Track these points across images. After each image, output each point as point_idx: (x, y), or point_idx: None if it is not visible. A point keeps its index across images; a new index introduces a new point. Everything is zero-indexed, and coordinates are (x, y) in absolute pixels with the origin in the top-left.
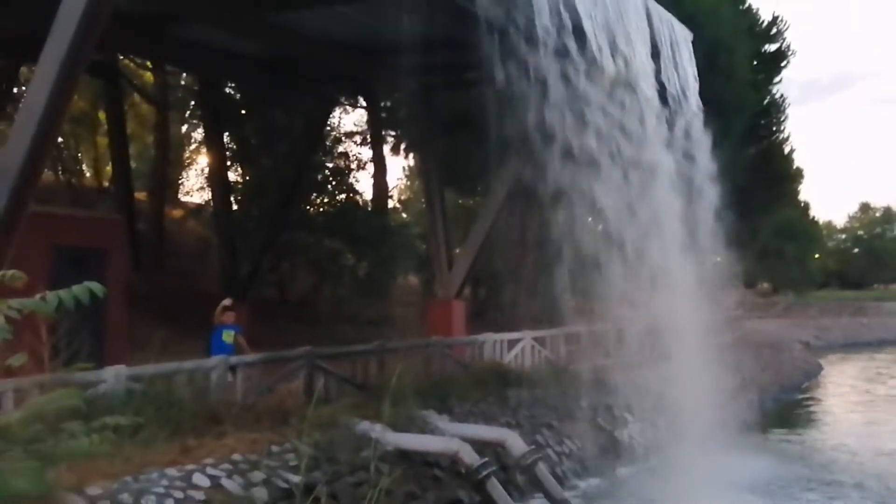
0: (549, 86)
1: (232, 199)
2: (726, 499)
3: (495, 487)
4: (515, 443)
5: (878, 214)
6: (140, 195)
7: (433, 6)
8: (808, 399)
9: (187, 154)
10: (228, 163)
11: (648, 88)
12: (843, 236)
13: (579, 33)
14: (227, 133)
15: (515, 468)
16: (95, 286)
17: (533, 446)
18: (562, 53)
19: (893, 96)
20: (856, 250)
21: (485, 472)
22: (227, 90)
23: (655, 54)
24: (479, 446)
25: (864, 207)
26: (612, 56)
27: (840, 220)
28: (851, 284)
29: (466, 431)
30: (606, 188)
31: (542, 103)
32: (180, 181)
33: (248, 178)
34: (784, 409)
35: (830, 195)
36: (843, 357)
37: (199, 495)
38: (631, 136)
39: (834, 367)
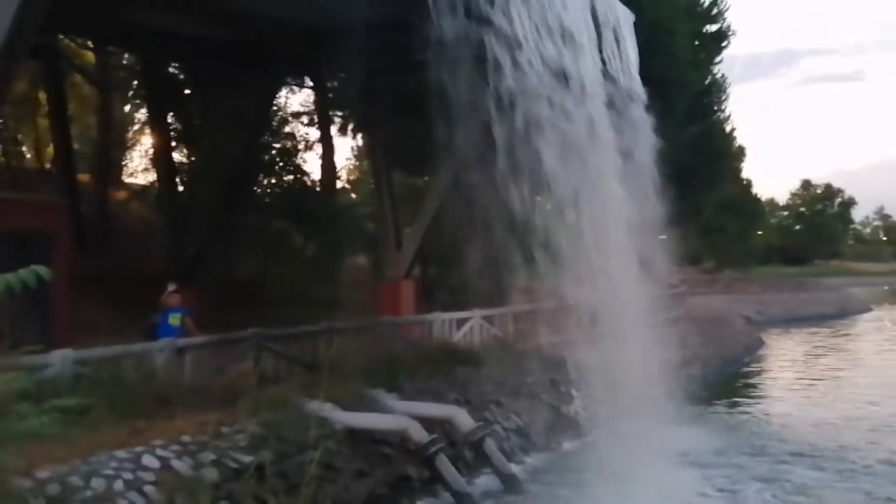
0: (494, 68)
1: (177, 180)
2: (665, 468)
3: (444, 463)
4: (463, 419)
5: (819, 191)
6: (83, 177)
7: None
8: (748, 372)
9: (130, 135)
10: (173, 144)
11: (592, 69)
12: (786, 213)
13: (524, 15)
14: (171, 114)
15: (464, 444)
16: (42, 269)
17: (481, 423)
18: (507, 36)
19: (834, 73)
20: (798, 227)
21: (433, 449)
22: (171, 70)
23: (598, 35)
24: (428, 424)
25: (806, 184)
26: (557, 37)
27: (782, 197)
28: (793, 260)
29: (415, 409)
30: (550, 169)
31: (487, 86)
32: (124, 163)
33: (193, 159)
34: (725, 382)
35: (773, 172)
36: (783, 331)
37: (149, 476)
38: (574, 117)
39: (775, 341)
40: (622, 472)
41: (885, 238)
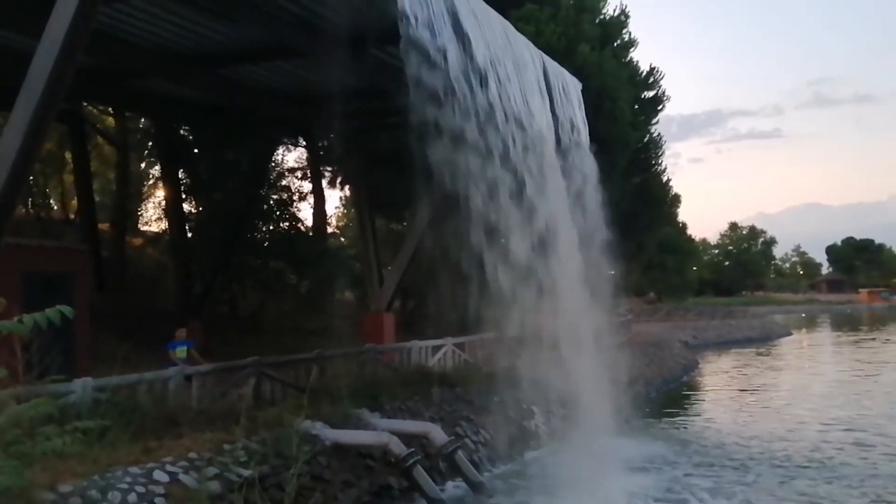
0: (460, 129)
1: (187, 227)
2: (613, 474)
3: (420, 474)
4: (437, 434)
5: (744, 232)
6: (103, 226)
7: (360, 61)
8: (686, 389)
9: (145, 189)
10: (183, 196)
11: (546, 131)
12: (717, 251)
13: (485, 83)
14: (181, 170)
15: (438, 456)
16: (66, 309)
17: (453, 437)
18: (471, 102)
19: (756, 131)
20: (727, 263)
21: (411, 461)
22: (182, 132)
23: (552, 100)
24: (407, 438)
25: (733, 226)
26: (514, 102)
27: (713, 238)
28: (723, 291)
29: (395, 426)
30: (512, 215)
31: (455, 143)
32: (139, 213)
33: (201, 209)
34: (666, 398)
35: (705, 216)
36: (716, 353)
37: (160, 489)
38: (532, 172)
39: (708, 362)
40: (576, 478)
41: (801, 272)
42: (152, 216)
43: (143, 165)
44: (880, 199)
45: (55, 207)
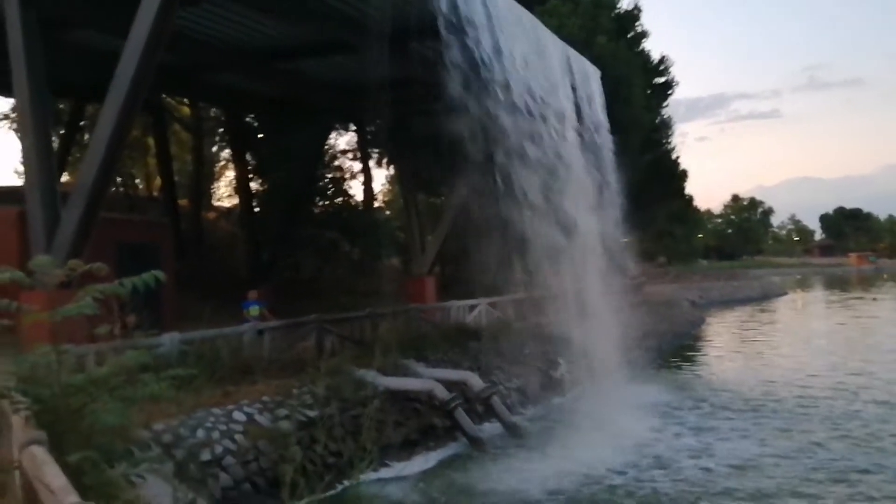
0: (494, 115)
1: (253, 203)
2: (628, 416)
3: (461, 415)
4: (475, 381)
5: (745, 203)
6: (182, 202)
7: (402, 54)
8: (694, 343)
9: (217, 169)
10: (250, 175)
11: (569, 111)
12: (720, 220)
13: (515, 69)
14: (248, 153)
15: (476, 400)
16: (160, 274)
17: (489, 384)
18: (506, 90)
19: (756, 112)
20: (729, 231)
21: (453, 405)
22: (247, 120)
23: (574, 88)
24: (448, 385)
25: (735, 198)
26: (540, 87)
27: (717, 208)
28: (726, 256)
29: (438, 374)
30: (538, 187)
31: (489, 122)
32: (213, 191)
33: (265, 186)
34: (676, 350)
35: (709, 189)
36: (720, 311)
37: (239, 427)
38: (559, 154)
39: (713, 318)
40: (597, 419)
41: (796, 238)
42: (224, 193)
43: (214, 149)
44: (868, 173)
45: (140, 186)
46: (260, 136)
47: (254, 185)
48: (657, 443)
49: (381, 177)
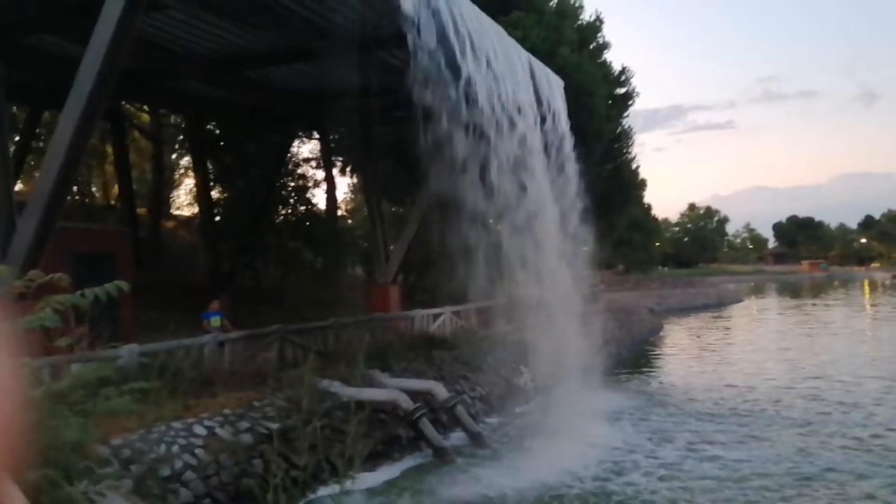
0: (460, 124)
1: (215, 211)
2: (589, 423)
3: (426, 425)
4: (440, 391)
5: (701, 212)
6: (140, 211)
7: (368, 63)
8: (652, 349)
9: (177, 177)
10: (211, 183)
11: (533, 120)
12: (677, 228)
13: (481, 78)
14: (209, 160)
15: (440, 410)
16: (123, 284)
17: (453, 393)
18: (472, 98)
19: (711, 123)
20: (686, 239)
21: (418, 414)
22: (209, 127)
23: (538, 97)
24: (413, 395)
25: (691, 207)
26: (505, 95)
27: (674, 217)
28: (683, 264)
29: (403, 384)
30: (502, 196)
31: (452, 131)
32: (172, 199)
33: (227, 195)
34: (635, 357)
35: (667, 198)
36: (678, 318)
37: (199, 441)
38: (524, 163)
39: (671, 325)
40: (559, 427)
41: (751, 246)
42: (184, 202)
43: (174, 157)
44: (820, 183)
45: (98, 195)
46: (222, 143)
47: (215, 194)
48: (620, 449)
49: (344, 185)
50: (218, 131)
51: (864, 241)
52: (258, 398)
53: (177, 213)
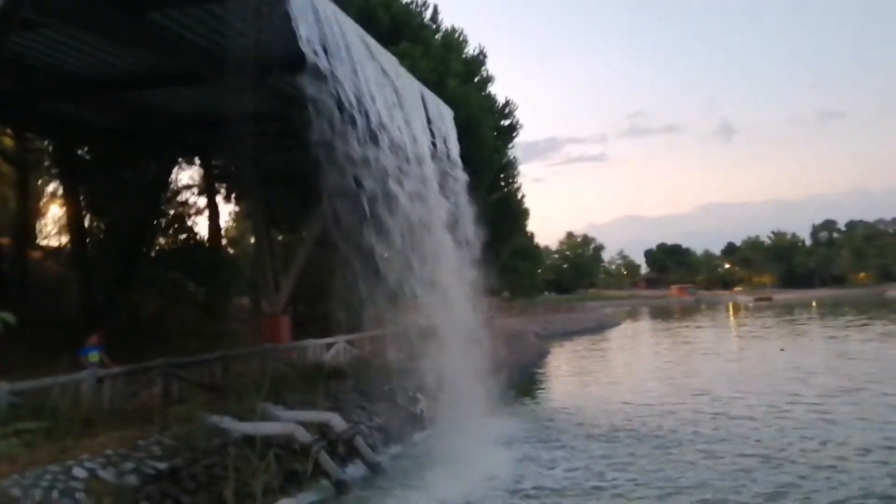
0: (353, 151)
1: (87, 241)
2: (485, 449)
3: (324, 458)
4: (337, 422)
5: (578, 240)
6: (3, 240)
7: (259, 88)
8: (541, 373)
9: (44, 205)
10: (84, 212)
11: (427, 151)
12: (556, 256)
13: (375, 106)
14: (81, 188)
15: (338, 442)
16: (8, 316)
17: (351, 424)
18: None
19: (585, 155)
20: (565, 265)
21: (315, 447)
22: (81, 153)
23: (430, 126)
24: (309, 427)
25: (569, 235)
26: (400, 124)
27: (553, 245)
28: (563, 290)
29: (298, 416)
30: (396, 225)
31: (347, 161)
32: (39, 228)
33: (101, 224)
34: (525, 381)
35: (546, 227)
36: (562, 342)
37: (79, 485)
38: (418, 191)
39: (557, 349)
40: (455, 454)
41: (625, 272)
42: (51, 231)
43: (40, 183)
44: (686, 212)
45: None
46: (95, 169)
47: (87, 223)
48: (515, 474)
49: (227, 213)
50: (90, 157)
51: (727, 266)
52: (143, 437)
53: (44, 243)
